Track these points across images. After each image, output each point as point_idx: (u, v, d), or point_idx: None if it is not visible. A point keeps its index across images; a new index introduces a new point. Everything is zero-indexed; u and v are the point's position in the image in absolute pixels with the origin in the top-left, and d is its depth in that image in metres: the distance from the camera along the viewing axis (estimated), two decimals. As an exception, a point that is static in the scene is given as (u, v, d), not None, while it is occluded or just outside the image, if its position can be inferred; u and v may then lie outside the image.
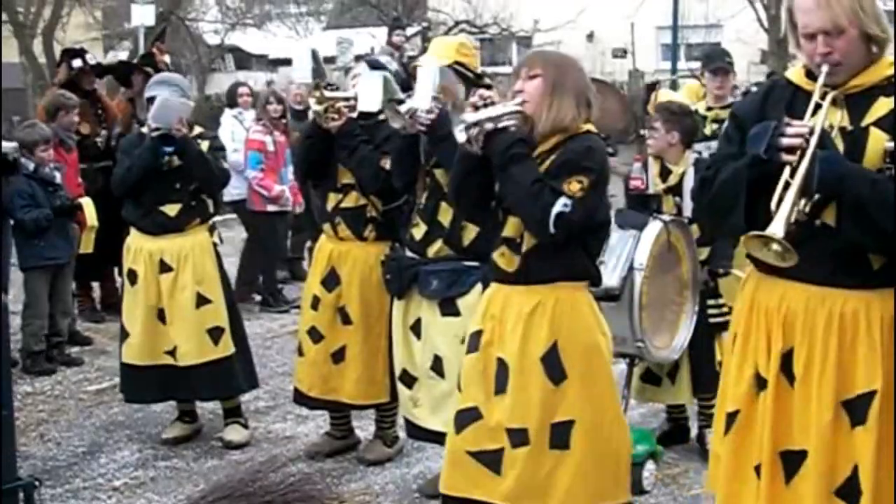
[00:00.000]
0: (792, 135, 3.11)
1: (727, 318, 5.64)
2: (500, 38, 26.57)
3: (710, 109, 6.66)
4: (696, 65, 9.48)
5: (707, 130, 6.52)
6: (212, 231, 6.09)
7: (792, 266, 3.11)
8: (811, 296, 3.27)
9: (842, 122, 3.25)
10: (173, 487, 5.52)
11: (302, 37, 25.90)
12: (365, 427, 6.06)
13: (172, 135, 5.75)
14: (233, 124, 10.07)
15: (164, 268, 5.90)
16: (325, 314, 5.63)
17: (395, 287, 5.09)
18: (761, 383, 3.35)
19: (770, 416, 3.31)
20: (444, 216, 4.94)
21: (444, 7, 24.95)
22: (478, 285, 4.78)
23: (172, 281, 5.89)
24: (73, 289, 8.47)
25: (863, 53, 3.24)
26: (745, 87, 13.85)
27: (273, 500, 4.71)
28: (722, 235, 5.44)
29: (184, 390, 6.04)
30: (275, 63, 29.95)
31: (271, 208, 9.56)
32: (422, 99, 4.48)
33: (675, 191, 5.69)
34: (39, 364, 7.51)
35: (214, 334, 5.91)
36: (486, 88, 4.95)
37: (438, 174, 4.93)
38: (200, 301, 5.89)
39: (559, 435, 3.89)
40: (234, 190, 9.57)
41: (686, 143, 5.75)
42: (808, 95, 3.26)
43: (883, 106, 3.22)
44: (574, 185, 3.75)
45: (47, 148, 7.60)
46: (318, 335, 5.65)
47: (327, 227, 5.66)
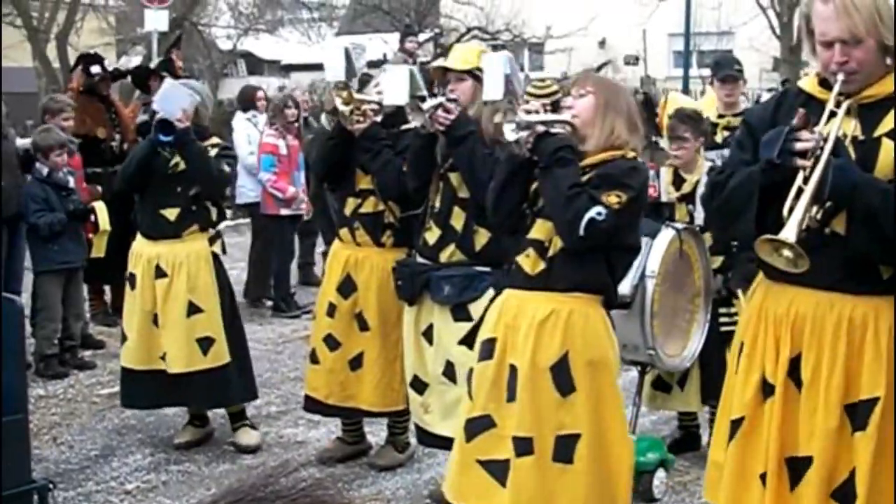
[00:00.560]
0: (806, 139, 3.12)
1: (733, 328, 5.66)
2: (513, 45, 26.57)
3: (721, 117, 6.66)
4: (707, 72, 9.47)
5: (718, 138, 6.52)
6: (213, 240, 6.03)
7: (801, 272, 3.11)
8: (820, 301, 3.27)
9: (854, 132, 3.25)
10: (185, 491, 5.54)
11: (314, 42, 25.92)
12: (377, 433, 6.07)
13: (173, 123, 5.73)
14: (247, 127, 10.11)
15: (159, 273, 5.90)
16: (342, 321, 5.62)
17: (407, 293, 5.10)
18: (768, 389, 3.35)
19: (777, 423, 3.31)
20: (457, 221, 4.95)
21: (457, 13, 24.97)
22: (489, 291, 4.82)
23: (166, 287, 5.89)
24: (86, 293, 8.51)
25: (878, 64, 3.24)
26: (757, 94, 13.84)
27: (284, 505, 4.72)
28: (740, 249, 5.45)
29: (174, 397, 6.04)
30: (287, 68, 30.02)
31: (284, 212, 9.59)
32: (495, 89, 4.48)
33: (689, 199, 5.70)
34: (52, 367, 7.54)
35: (204, 344, 5.88)
36: None
37: (453, 178, 4.95)
38: (192, 310, 5.87)
39: (564, 448, 3.88)
40: (250, 192, 9.61)
41: (701, 150, 5.80)
42: (821, 104, 3.26)
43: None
44: (612, 198, 3.80)
45: (62, 152, 7.62)
46: (334, 342, 5.64)
47: (345, 231, 5.66)
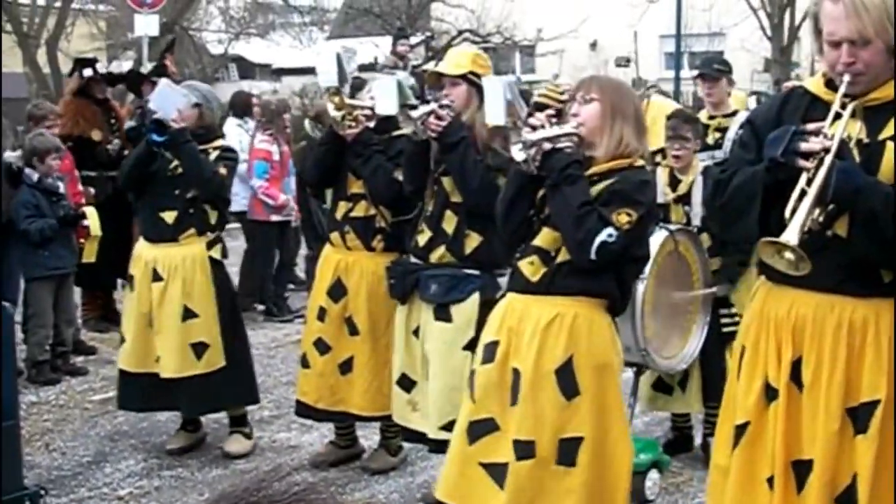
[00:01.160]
0: (811, 140, 3.10)
1: (738, 327, 5.66)
2: (504, 48, 26.60)
3: (712, 118, 6.66)
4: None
5: (710, 139, 6.52)
6: (213, 244, 5.99)
7: (802, 274, 3.10)
8: (820, 303, 3.26)
9: (859, 135, 3.23)
10: (178, 497, 5.52)
11: (305, 46, 25.93)
12: (369, 436, 6.06)
13: (166, 123, 5.71)
14: (239, 133, 10.08)
15: (155, 277, 5.88)
16: (332, 325, 5.62)
17: (399, 291, 5.11)
18: (771, 393, 3.34)
19: (782, 427, 3.30)
20: (449, 224, 4.96)
21: (448, 16, 24.99)
22: (475, 294, 4.85)
23: (161, 291, 5.87)
24: (78, 298, 8.49)
25: (886, 66, 3.22)
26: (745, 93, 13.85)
27: (278, 510, 4.71)
28: (731, 244, 5.46)
29: (167, 401, 6.01)
30: (278, 72, 30.01)
31: (274, 218, 9.58)
32: (496, 115, 4.46)
33: (685, 200, 5.70)
34: (44, 374, 7.51)
35: (198, 349, 5.85)
36: None
37: (446, 182, 4.95)
38: (187, 314, 5.85)
39: (567, 451, 3.86)
40: (241, 199, 9.60)
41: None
42: (826, 105, 3.24)
43: None
44: (623, 217, 3.79)
45: (57, 156, 7.62)
46: (324, 346, 5.64)
47: (335, 235, 5.65)
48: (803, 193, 3.07)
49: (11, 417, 4.51)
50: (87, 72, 8.97)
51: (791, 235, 3.03)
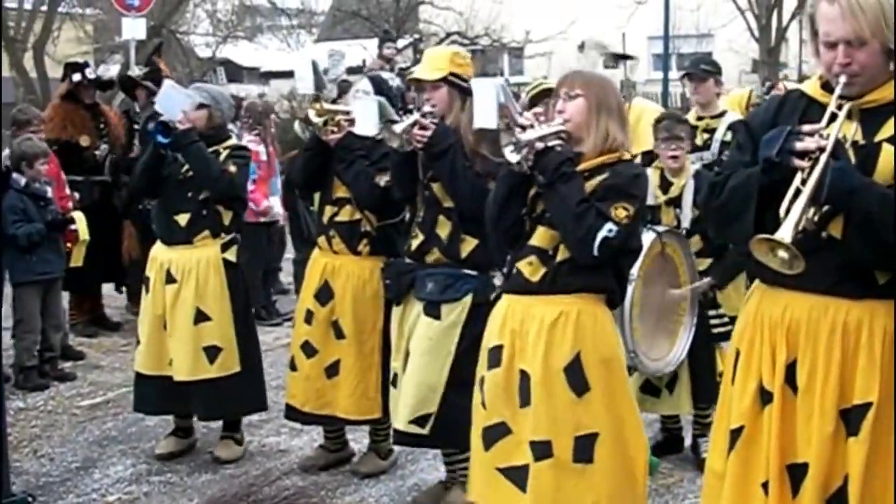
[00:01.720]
0: (806, 139, 3.10)
1: (728, 328, 5.65)
2: (492, 50, 26.61)
3: (700, 119, 6.66)
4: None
5: (698, 140, 6.52)
6: (227, 246, 5.94)
7: (796, 276, 3.10)
8: (815, 305, 3.26)
9: (855, 136, 3.23)
10: (167, 502, 5.50)
11: (293, 49, 25.90)
12: (359, 440, 6.04)
13: (171, 125, 5.71)
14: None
15: (169, 279, 5.87)
16: (319, 328, 5.61)
17: (394, 291, 5.06)
18: (766, 397, 3.33)
19: (776, 430, 3.29)
20: (443, 229, 4.92)
21: (436, 19, 24.99)
22: (468, 296, 4.82)
23: (175, 293, 5.85)
24: (66, 303, 8.47)
25: (882, 67, 3.21)
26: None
27: (268, 514, 4.71)
28: (725, 247, 5.47)
29: (179, 405, 6.00)
30: (266, 76, 29.96)
31: (262, 219, 9.58)
32: (488, 118, 4.46)
33: (676, 203, 5.69)
34: (32, 379, 7.48)
35: (211, 353, 5.83)
36: None
37: (435, 188, 4.92)
38: (199, 317, 5.83)
39: (583, 448, 3.88)
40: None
41: None
42: (822, 107, 3.23)
43: None
44: (621, 212, 3.81)
45: (45, 161, 7.61)
46: (311, 349, 5.63)
47: (322, 239, 5.65)
48: (798, 192, 3.06)
49: (-1, 424, 4.49)
50: (76, 76, 8.94)
51: (785, 233, 3.02)
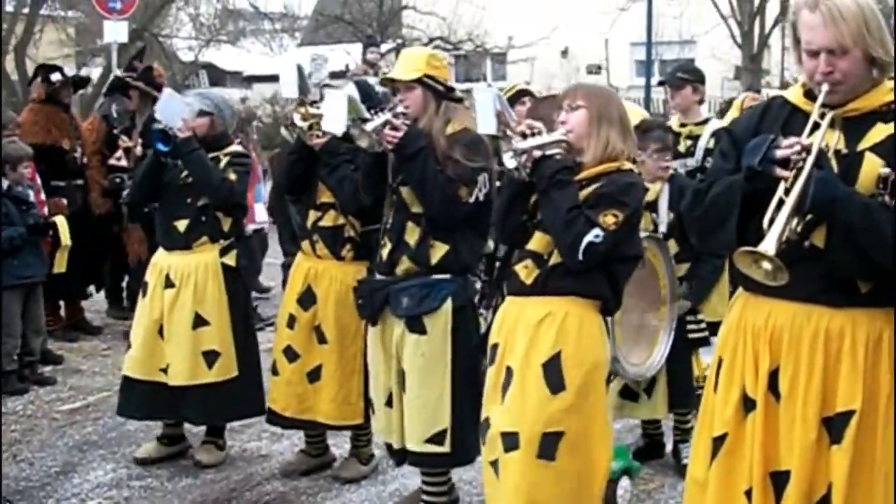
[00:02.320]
0: (788, 148, 3.11)
1: (705, 333, 5.67)
2: (475, 55, 26.62)
3: (683, 126, 6.68)
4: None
5: (681, 147, 6.54)
6: (227, 251, 5.93)
7: (780, 285, 3.10)
8: (797, 313, 3.26)
9: (837, 145, 3.23)
10: (147, 507, 5.49)
11: (276, 53, 25.86)
12: (340, 445, 6.03)
13: (169, 133, 5.72)
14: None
15: (168, 283, 5.86)
16: (301, 333, 5.60)
17: (367, 311, 5.00)
18: (749, 404, 3.34)
19: (759, 438, 3.30)
20: (411, 235, 4.86)
21: (419, 24, 24.98)
22: (447, 302, 4.79)
23: (173, 298, 5.84)
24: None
25: (864, 76, 3.22)
26: (721, 105, 13.90)
27: (248, 520, 4.69)
28: (704, 256, 5.50)
29: (172, 411, 5.96)
30: (249, 80, 29.90)
31: (250, 226, 9.54)
32: (489, 125, 4.44)
33: (652, 207, 5.70)
34: (11, 384, 7.44)
35: (209, 357, 5.82)
36: (457, 102, 4.96)
37: (404, 192, 4.87)
38: (198, 322, 5.81)
39: (548, 445, 3.96)
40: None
41: None
42: (805, 115, 3.25)
43: (880, 131, 3.20)
44: (609, 219, 3.92)
45: (28, 164, 7.58)
46: (293, 354, 5.61)
47: (306, 244, 5.64)
48: (781, 203, 3.07)
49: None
50: (56, 76, 8.89)
51: (769, 245, 3.03)
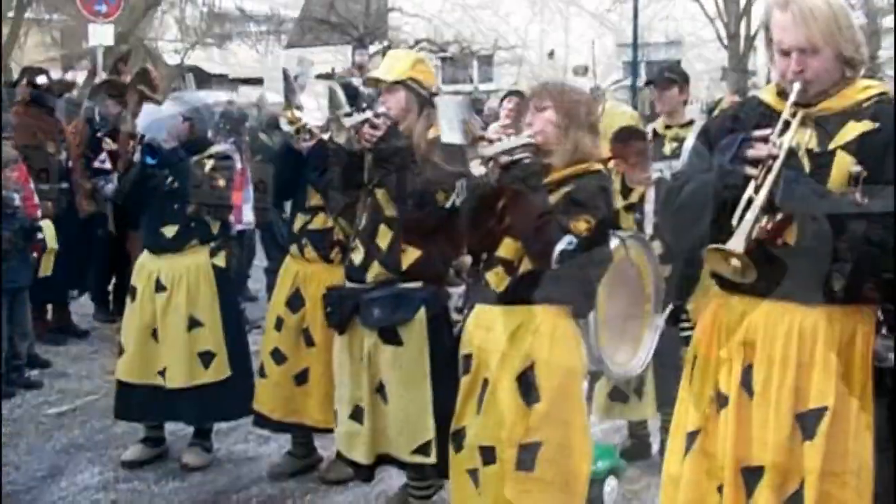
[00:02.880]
0: (758, 146, 3.13)
1: (692, 332, 5.69)
2: (461, 57, 26.63)
3: (668, 128, 6.69)
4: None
5: (666, 150, 6.54)
6: (216, 252, 5.95)
7: (753, 282, 3.13)
8: (771, 310, 3.29)
9: (809, 144, 3.26)
10: (135, 510, 5.49)
11: (262, 56, 25.84)
12: (327, 446, 6.03)
13: (155, 146, 5.73)
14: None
15: (159, 287, 5.86)
16: (289, 335, 5.60)
17: (336, 320, 4.93)
18: (723, 401, 3.36)
19: (732, 434, 3.32)
20: (383, 239, 4.79)
21: (405, 26, 25.00)
22: (421, 311, 4.71)
23: (166, 301, 5.84)
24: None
25: (836, 75, 3.25)
26: (708, 105, 13.92)
27: (235, 522, 4.69)
28: (682, 260, 5.51)
29: (167, 413, 5.98)
30: (235, 82, 29.86)
31: (237, 227, 9.54)
32: (454, 133, 4.40)
33: (636, 208, 5.71)
34: (-2, 388, 7.43)
35: (205, 358, 5.84)
36: None
37: (379, 195, 4.81)
38: (192, 324, 5.83)
39: (526, 456, 3.94)
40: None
41: None
42: (779, 115, 3.27)
43: (852, 130, 3.23)
44: (581, 225, 3.85)
45: (16, 168, 7.57)
46: (281, 357, 5.62)
47: (294, 248, 5.63)
48: (750, 201, 3.09)
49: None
50: (42, 79, 8.87)
51: (737, 243, 3.05)
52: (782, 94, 3.34)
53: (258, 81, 23.54)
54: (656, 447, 6.05)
